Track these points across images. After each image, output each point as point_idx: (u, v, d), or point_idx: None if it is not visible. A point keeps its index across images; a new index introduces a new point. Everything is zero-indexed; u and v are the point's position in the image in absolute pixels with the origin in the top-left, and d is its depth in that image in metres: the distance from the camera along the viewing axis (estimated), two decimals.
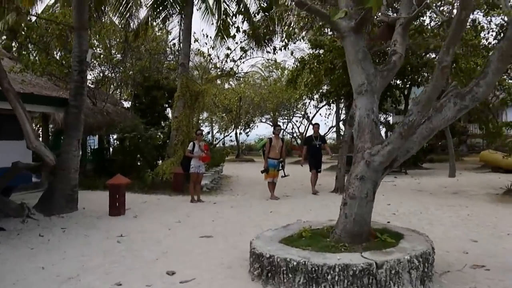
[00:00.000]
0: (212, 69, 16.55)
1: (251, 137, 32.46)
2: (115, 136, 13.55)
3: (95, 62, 15.55)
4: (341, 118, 29.11)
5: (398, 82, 18.59)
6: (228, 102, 25.34)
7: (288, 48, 14.62)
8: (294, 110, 29.94)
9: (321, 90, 21.23)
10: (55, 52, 13.46)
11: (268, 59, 23.49)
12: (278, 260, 4.29)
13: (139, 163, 14.39)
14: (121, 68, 17.46)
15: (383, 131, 34.31)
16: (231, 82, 26.93)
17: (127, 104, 19.30)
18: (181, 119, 13.32)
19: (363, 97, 5.16)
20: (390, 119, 30.61)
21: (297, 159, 23.93)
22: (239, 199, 10.89)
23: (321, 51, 17.34)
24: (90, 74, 15.91)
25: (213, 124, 33.39)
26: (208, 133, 26.08)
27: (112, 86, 22.29)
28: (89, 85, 15.95)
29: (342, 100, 20.30)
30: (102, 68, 16.35)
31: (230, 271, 4.96)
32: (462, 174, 15.30)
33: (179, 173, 11.87)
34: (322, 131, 31.00)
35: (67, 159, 8.54)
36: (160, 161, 14.82)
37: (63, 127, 10.36)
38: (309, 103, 28.41)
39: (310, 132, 13.93)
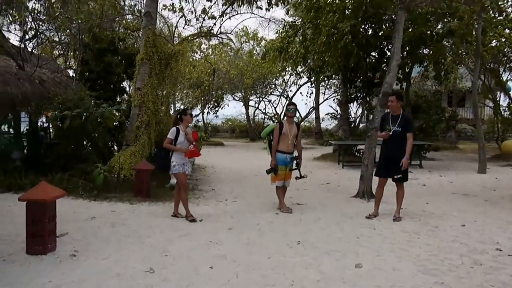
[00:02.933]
0: (186, 28, 12.77)
1: (220, 118, 29.06)
2: (50, 114, 9.67)
3: (27, 14, 11.49)
4: (324, 98, 26.03)
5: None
6: (197, 75, 21.52)
7: (288, 1, 11.23)
8: (273, 86, 26.49)
9: (308, 63, 17.91)
10: None
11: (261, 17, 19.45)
12: None
13: (87, 150, 10.65)
14: (65, 28, 13.52)
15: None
16: (206, 48, 22.94)
17: (74, 74, 15.23)
18: (146, 92, 9.68)
19: None
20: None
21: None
22: (233, 211, 7.48)
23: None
24: (20, 30, 11.83)
25: (176, 101, 29.42)
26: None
27: (55, 50, 18.26)
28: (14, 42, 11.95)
29: (339, 76, 17.09)
30: (38, 23, 12.27)
31: None
32: (491, 169, 12.61)
33: (143, 170, 8.34)
34: (302, 111, 27.51)
35: None
36: (116, 148, 11.18)
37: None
38: (288, 79, 25.12)
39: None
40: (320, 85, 25.70)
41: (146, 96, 9.60)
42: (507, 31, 14.73)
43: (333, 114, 21.26)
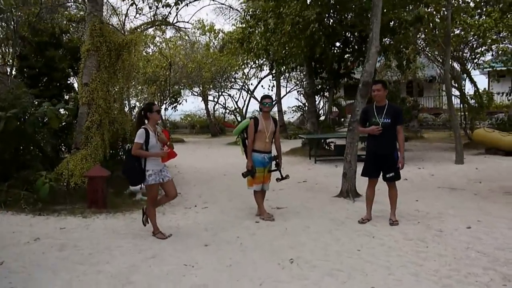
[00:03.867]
0: (137, 17, 11.63)
1: (178, 113, 27.76)
2: None
3: None
4: (286, 91, 25.25)
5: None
6: (152, 69, 20.14)
7: None
8: (233, 80, 25.48)
9: (269, 56, 17.03)
10: None
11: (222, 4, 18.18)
12: None
13: (30, 156, 9.23)
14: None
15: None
16: (160, 41, 21.47)
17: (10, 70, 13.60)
18: (95, 88, 8.44)
19: None
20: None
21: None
22: (206, 221, 6.46)
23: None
24: None
25: (131, 97, 27.81)
26: None
27: None
28: None
29: (302, 67, 16.38)
30: None
31: None
32: (467, 159, 12.22)
33: (97, 177, 7.16)
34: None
35: None
36: (66, 152, 9.85)
37: None
38: (248, 71, 24.19)
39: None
40: (281, 78, 25.01)
41: (96, 93, 8.37)
42: (470, 18, 14.46)
43: (300, 107, 20.56)
